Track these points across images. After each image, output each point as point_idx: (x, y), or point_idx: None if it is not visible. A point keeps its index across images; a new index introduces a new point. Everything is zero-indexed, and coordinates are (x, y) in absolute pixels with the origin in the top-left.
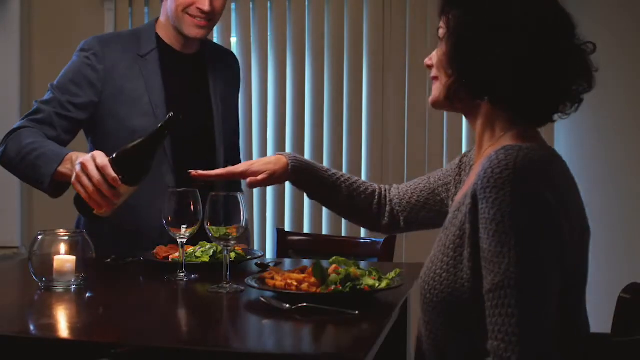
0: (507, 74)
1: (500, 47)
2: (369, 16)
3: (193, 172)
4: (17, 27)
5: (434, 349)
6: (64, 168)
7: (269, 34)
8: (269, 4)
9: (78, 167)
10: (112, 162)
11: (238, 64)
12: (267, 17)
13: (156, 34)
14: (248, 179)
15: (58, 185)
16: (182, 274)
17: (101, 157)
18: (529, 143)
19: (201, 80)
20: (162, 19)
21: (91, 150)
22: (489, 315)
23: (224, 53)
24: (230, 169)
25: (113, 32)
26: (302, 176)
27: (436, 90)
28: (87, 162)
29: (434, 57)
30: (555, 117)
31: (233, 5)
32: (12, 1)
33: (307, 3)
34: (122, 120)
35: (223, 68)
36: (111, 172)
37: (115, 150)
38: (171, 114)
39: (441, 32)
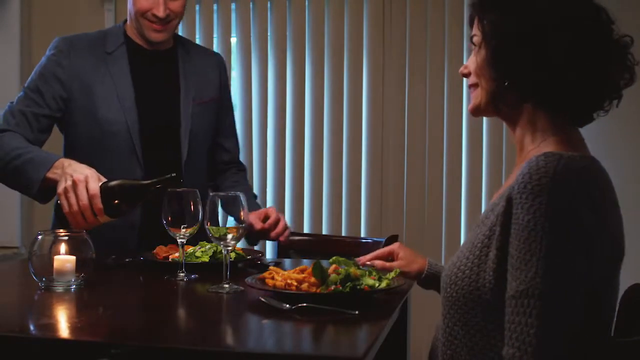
0: (555, 73)
1: (545, 47)
2: (369, 16)
3: (361, 260)
4: (17, 27)
5: (447, 345)
6: (52, 174)
7: (269, 34)
8: (269, 4)
9: (69, 182)
10: (101, 192)
11: (223, 64)
12: (267, 17)
13: (125, 32)
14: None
15: (46, 191)
16: (182, 274)
17: (93, 183)
18: (571, 151)
19: (171, 78)
20: (128, 20)
21: (65, 146)
22: (508, 321)
23: (205, 53)
24: (380, 252)
25: (81, 33)
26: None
27: (477, 97)
28: (80, 182)
29: (470, 65)
30: (595, 115)
31: (233, 6)
32: (12, 1)
33: (307, 3)
34: (91, 113)
35: (202, 68)
36: (98, 203)
37: (90, 148)
38: (173, 174)
39: (476, 39)
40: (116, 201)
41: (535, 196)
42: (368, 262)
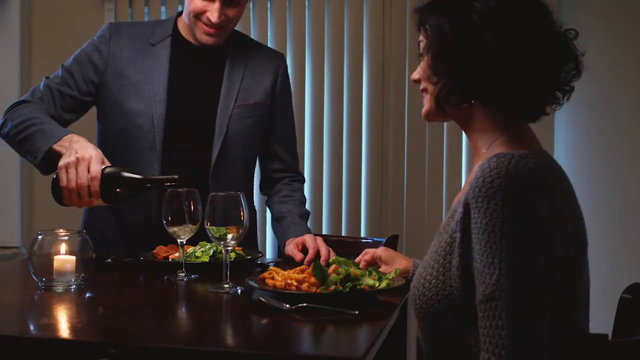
0: (493, 69)
1: (481, 44)
2: (369, 16)
3: (362, 263)
4: (17, 27)
5: (429, 354)
6: (59, 146)
7: (269, 34)
8: (269, 4)
9: (72, 158)
10: (102, 176)
11: (282, 66)
12: (267, 17)
13: (175, 25)
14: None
15: (50, 162)
16: (182, 274)
17: (96, 164)
18: (523, 149)
19: (214, 76)
20: (183, 15)
21: (97, 137)
22: (481, 326)
23: (264, 54)
24: (372, 254)
25: (136, 21)
26: None
27: (426, 102)
28: (83, 161)
29: (419, 71)
30: (548, 109)
31: None
32: (12, 1)
33: (307, 3)
34: (118, 102)
35: (255, 69)
36: (97, 185)
37: (115, 140)
38: (175, 176)
39: (422, 45)
40: (115, 189)
41: (490, 199)
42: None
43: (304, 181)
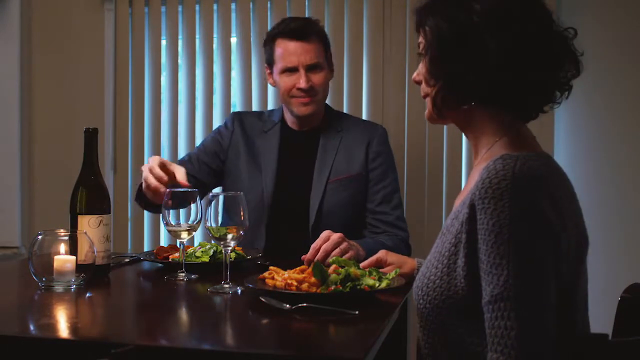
0: (493, 71)
1: (480, 46)
2: (369, 16)
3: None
4: (17, 27)
5: (430, 354)
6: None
7: None
8: (269, 4)
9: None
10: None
11: (376, 137)
12: (267, 17)
13: (282, 114)
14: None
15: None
16: (182, 274)
17: (155, 162)
18: (525, 151)
19: (310, 155)
20: (280, 100)
21: None
22: (489, 327)
23: (359, 127)
24: (368, 263)
25: (254, 111)
26: None
27: (428, 105)
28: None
29: (420, 73)
30: (546, 107)
31: (233, 5)
32: (12, 1)
33: (307, 3)
34: (236, 181)
35: (348, 143)
36: (157, 159)
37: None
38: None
39: (421, 46)
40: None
41: (497, 200)
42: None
43: (403, 236)
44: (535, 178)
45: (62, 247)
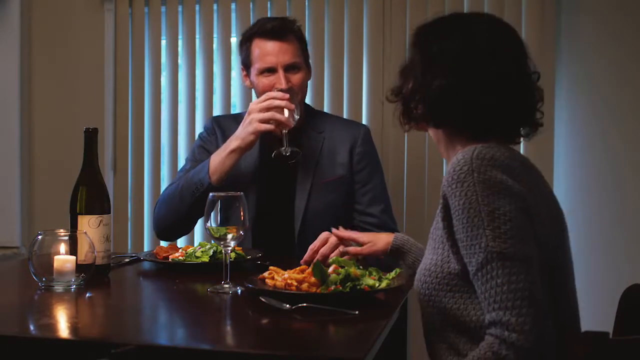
0: (471, 103)
1: (464, 79)
2: (369, 16)
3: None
4: (17, 27)
5: (434, 334)
6: (214, 162)
7: None
8: (269, 4)
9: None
10: None
11: (359, 137)
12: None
13: None
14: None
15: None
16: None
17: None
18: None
19: (291, 158)
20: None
21: None
22: (481, 292)
23: (343, 127)
24: (353, 235)
25: (229, 114)
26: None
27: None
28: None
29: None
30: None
31: (233, 5)
32: (12, 1)
33: (307, 3)
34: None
35: (332, 145)
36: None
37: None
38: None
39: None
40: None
41: (462, 182)
42: (333, 255)
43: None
44: (493, 158)
45: (62, 247)
